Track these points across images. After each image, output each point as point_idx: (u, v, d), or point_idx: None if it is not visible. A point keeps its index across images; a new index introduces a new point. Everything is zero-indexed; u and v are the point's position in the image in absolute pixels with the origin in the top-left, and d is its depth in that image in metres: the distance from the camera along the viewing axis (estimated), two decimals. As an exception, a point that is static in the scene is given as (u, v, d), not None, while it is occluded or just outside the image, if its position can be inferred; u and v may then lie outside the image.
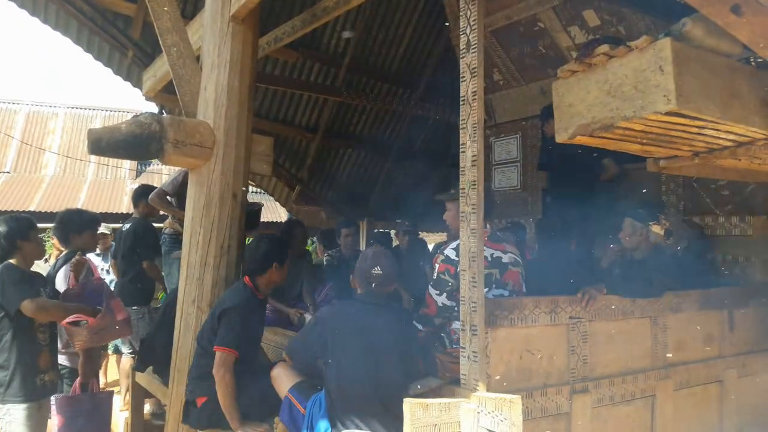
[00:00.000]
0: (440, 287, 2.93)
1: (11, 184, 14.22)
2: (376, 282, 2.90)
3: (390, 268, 2.93)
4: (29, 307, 3.28)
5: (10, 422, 3.31)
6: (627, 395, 3.12)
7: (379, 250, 3.35)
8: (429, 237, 8.26)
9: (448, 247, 3.02)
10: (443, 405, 2.51)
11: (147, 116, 3.31)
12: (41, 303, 3.35)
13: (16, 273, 3.39)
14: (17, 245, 3.45)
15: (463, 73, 2.61)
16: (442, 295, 2.92)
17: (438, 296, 2.94)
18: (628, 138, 2.60)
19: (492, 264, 2.98)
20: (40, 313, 3.34)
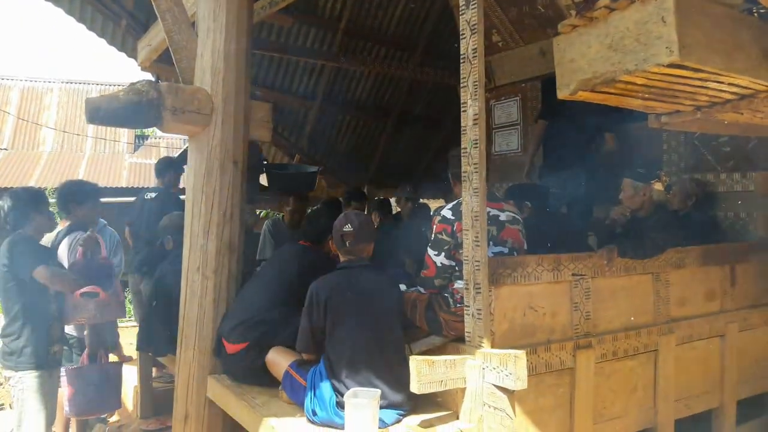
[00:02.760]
0: (438, 247, 2.95)
1: (9, 161, 14.18)
2: (349, 240, 2.95)
3: (360, 225, 2.97)
4: (43, 273, 3.32)
5: (22, 389, 3.38)
6: (630, 350, 3.16)
7: (351, 211, 3.42)
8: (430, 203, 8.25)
9: (445, 207, 3.04)
10: (449, 362, 2.55)
11: (144, 84, 3.28)
12: (54, 271, 3.41)
13: (29, 242, 3.44)
14: (30, 217, 3.49)
15: (462, 30, 2.58)
16: (441, 255, 2.94)
17: (437, 257, 2.95)
18: (630, 93, 2.58)
19: (489, 222, 2.99)
20: (52, 281, 3.40)
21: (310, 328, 2.90)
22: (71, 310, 3.63)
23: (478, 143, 2.52)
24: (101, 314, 3.74)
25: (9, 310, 3.45)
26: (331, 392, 2.73)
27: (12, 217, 3.50)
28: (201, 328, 3.48)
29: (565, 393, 2.90)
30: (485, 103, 2.72)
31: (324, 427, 2.72)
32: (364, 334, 2.77)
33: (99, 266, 3.86)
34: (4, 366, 3.51)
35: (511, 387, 2.43)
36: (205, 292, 3.49)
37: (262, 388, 3.20)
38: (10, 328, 3.43)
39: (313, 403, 2.76)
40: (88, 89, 17.34)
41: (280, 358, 3.12)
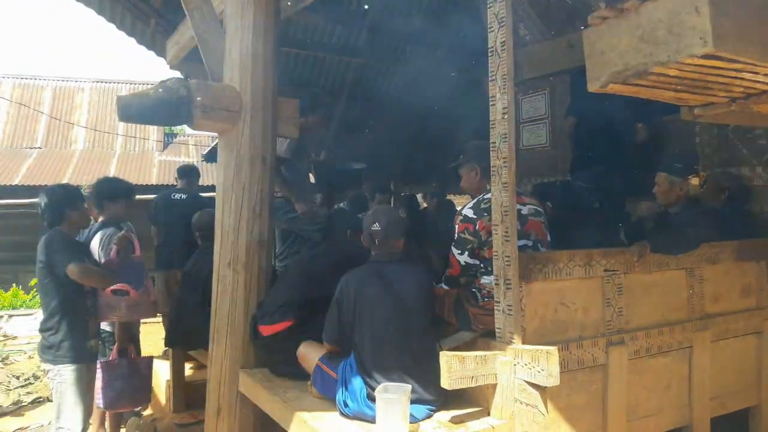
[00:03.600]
0: (462, 246, 2.93)
1: (43, 160, 14.49)
2: (378, 238, 2.97)
3: (388, 222, 2.98)
4: (75, 270, 3.39)
5: (60, 382, 3.45)
6: (664, 347, 3.12)
7: (379, 207, 3.46)
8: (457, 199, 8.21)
9: (466, 206, 3.03)
10: (479, 357, 2.54)
11: (174, 81, 3.32)
12: (86, 268, 3.48)
13: (64, 238, 3.51)
14: (65, 213, 3.56)
15: (490, 23, 2.56)
16: (464, 254, 2.92)
17: (460, 255, 2.94)
18: (662, 85, 2.53)
19: None
20: (84, 277, 3.46)
21: (338, 319, 2.92)
22: (103, 308, 3.71)
23: (507, 137, 2.50)
24: (131, 313, 3.81)
25: (47, 306, 3.53)
26: (362, 384, 2.75)
27: (48, 214, 3.57)
28: (232, 322, 3.53)
29: (598, 390, 2.87)
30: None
31: (355, 419, 2.74)
32: (393, 329, 2.78)
33: (131, 265, 3.93)
34: (43, 360, 3.59)
35: (543, 383, 2.41)
36: (236, 287, 3.53)
37: (294, 382, 3.23)
38: (49, 323, 3.50)
39: (345, 396, 2.78)
40: (117, 88, 17.62)
41: (311, 351, 3.15)
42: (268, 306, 3.45)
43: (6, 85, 16.61)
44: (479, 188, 3.10)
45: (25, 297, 11.38)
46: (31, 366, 7.20)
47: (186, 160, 15.93)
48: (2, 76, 17.19)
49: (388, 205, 4.75)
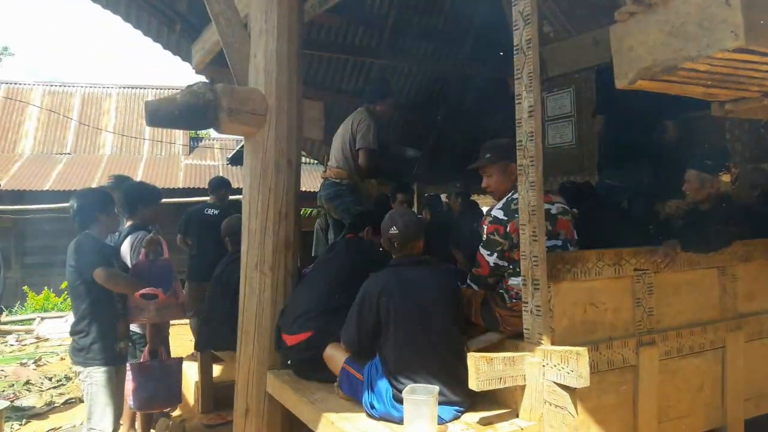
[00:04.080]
0: (491, 248, 2.90)
1: (72, 165, 14.75)
2: (397, 241, 2.96)
3: (405, 225, 2.97)
4: (101, 275, 3.43)
5: (91, 384, 3.51)
6: (696, 347, 3.06)
7: (395, 211, 3.43)
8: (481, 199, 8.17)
9: (494, 207, 2.99)
10: (508, 359, 2.52)
11: (200, 85, 3.36)
12: (113, 273, 3.52)
13: (93, 242, 3.56)
14: (95, 217, 3.61)
15: (515, 21, 2.54)
16: (493, 255, 2.89)
17: (489, 256, 2.91)
18: (692, 80, 2.49)
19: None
20: (110, 282, 3.50)
21: (358, 323, 2.93)
22: (133, 311, 3.76)
23: (534, 136, 2.48)
24: (161, 315, 3.85)
25: (77, 309, 3.59)
26: (388, 386, 2.75)
27: (78, 217, 3.63)
28: (260, 323, 3.56)
29: (629, 391, 2.83)
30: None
31: (382, 421, 2.73)
32: (417, 332, 2.77)
33: (160, 268, 3.97)
34: (74, 362, 3.65)
35: (572, 384, 2.38)
36: (263, 289, 3.56)
37: (321, 384, 3.23)
38: (79, 325, 3.56)
39: (371, 398, 2.78)
40: (143, 93, 17.87)
41: (337, 353, 3.15)
42: (288, 315, 3.48)
43: (36, 92, 16.95)
44: (504, 186, 3.04)
45: (57, 300, 11.61)
46: (63, 367, 7.34)
47: (212, 163, 16.10)
48: (33, 83, 17.57)
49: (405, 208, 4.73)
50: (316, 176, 14.92)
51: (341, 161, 4.96)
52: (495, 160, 3.04)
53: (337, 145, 5.04)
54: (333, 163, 5.05)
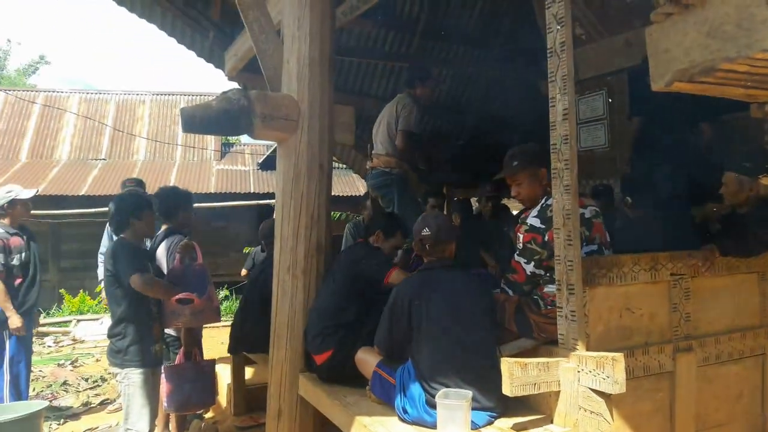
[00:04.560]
0: (528, 256, 2.87)
1: (107, 170, 15.07)
2: (429, 243, 2.96)
3: (438, 227, 2.97)
4: (137, 281, 3.50)
5: (128, 385, 3.58)
6: (735, 354, 2.99)
7: (427, 213, 3.50)
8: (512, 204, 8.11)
9: (530, 215, 2.94)
10: (542, 364, 2.50)
11: (235, 92, 3.41)
12: (148, 279, 3.58)
13: (128, 247, 3.63)
14: (129, 222, 3.69)
15: (549, 24, 2.53)
16: (531, 264, 2.86)
17: (526, 265, 2.88)
18: (731, 81, 2.44)
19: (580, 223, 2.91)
20: (146, 288, 3.56)
21: (390, 328, 2.94)
22: (169, 315, 3.81)
23: (569, 139, 2.46)
24: (196, 319, 3.89)
25: (114, 312, 3.68)
26: (421, 391, 2.74)
27: (114, 221, 3.72)
28: (292, 326, 3.59)
29: (665, 398, 2.78)
30: (570, 97, 2.65)
31: (414, 425, 2.73)
32: (450, 337, 2.76)
33: (195, 272, 4.03)
34: (111, 363, 3.73)
35: (608, 390, 2.35)
36: (295, 292, 3.60)
37: (353, 388, 3.25)
38: (116, 328, 3.64)
39: (404, 402, 2.78)
40: (176, 100, 18.20)
41: (368, 357, 3.16)
42: (309, 333, 3.52)
43: (73, 100, 17.39)
44: (535, 193, 3.00)
45: (92, 302, 11.87)
46: (99, 369, 7.49)
47: (242, 168, 16.29)
48: (70, 91, 18.04)
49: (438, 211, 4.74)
50: (345, 181, 15.03)
51: (388, 146, 4.97)
52: (524, 166, 2.99)
53: (383, 130, 5.05)
54: (381, 150, 5.05)
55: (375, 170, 5.08)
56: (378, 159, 5.06)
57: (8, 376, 4.94)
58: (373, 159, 5.13)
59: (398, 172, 4.98)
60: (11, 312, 4.81)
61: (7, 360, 4.95)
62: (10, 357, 4.96)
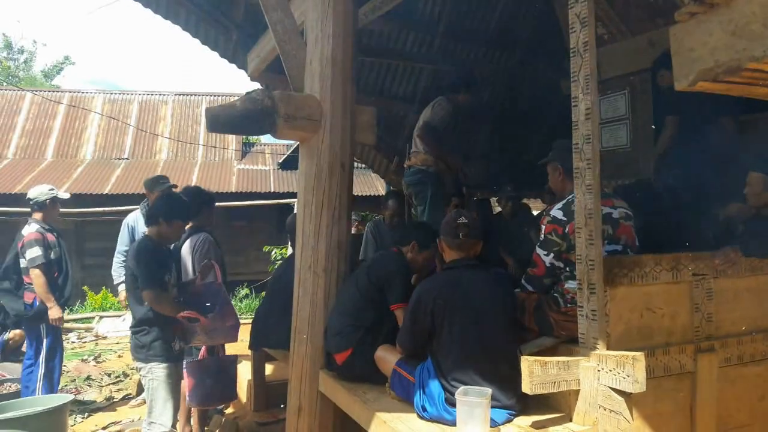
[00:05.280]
0: (548, 248, 2.90)
1: (130, 170, 15.29)
2: (464, 232, 2.93)
3: (473, 220, 2.98)
4: (147, 297, 3.61)
5: (152, 379, 3.66)
6: (757, 355, 2.96)
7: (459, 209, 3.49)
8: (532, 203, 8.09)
9: (554, 207, 2.98)
10: (562, 363, 2.51)
11: (259, 92, 3.46)
12: (157, 298, 3.65)
13: (151, 252, 3.70)
14: (158, 221, 3.76)
15: (572, 23, 2.53)
16: (550, 255, 2.89)
17: (546, 256, 2.91)
18: (757, 81, 2.43)
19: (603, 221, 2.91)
20: (155, 305, 3.65)
21: (413, 327, 2.95)
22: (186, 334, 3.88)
23: (591, 138, 2.47)
24: (210, 338, 3.95)
25: (136, 310, 3.75)
26: (440, 389, 2.76)
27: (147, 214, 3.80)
28: (313, 323, 3.63)
29: (686, 398, 2.76)
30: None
31: (434, 422, 2.75)
32: (471, 335, 2.78)
33: (212, 292, 4.13)
34: (135, 358, 3.81)
35: (628, 390, 2.35)
36: (316, 290, 3.64)
37: (372, 385, 3.28)
38: (140, 325, 3.70)
39: (423, 400, 2.80)
40: (197, 100, 18.41)
41: (388, 355, 3.20)
42: (329, 329, 3.56)
43: (98, 100, 17.69)
44: (563, 188, 3.05)
45: (114, 299, 12.05)
46: (121, 364, 7.62)
47: (263, 168, 16.43)
48: (95, 91, 18.35)
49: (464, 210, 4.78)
50: (365, 180, 15.07)
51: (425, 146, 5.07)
52: (552, 158, 3.07)
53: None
54: (420, 149, 5.13)
55: (412, 168, 5.15)
56: (416, 157, 5.13)
57: (43, 368, 5.13)
58: (411, 158, 5.20)
59: (434, 170, 5.05)
60: (52, 303, 5.04)
61: (44, 353, 5.13)
62: (47, 350, 5.15)
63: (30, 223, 5.19)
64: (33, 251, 5.02)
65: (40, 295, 5.02)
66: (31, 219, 5.24)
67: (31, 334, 5.23)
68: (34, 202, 5.23)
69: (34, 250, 5.02)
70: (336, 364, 3.48)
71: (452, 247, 3.01)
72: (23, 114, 16.75)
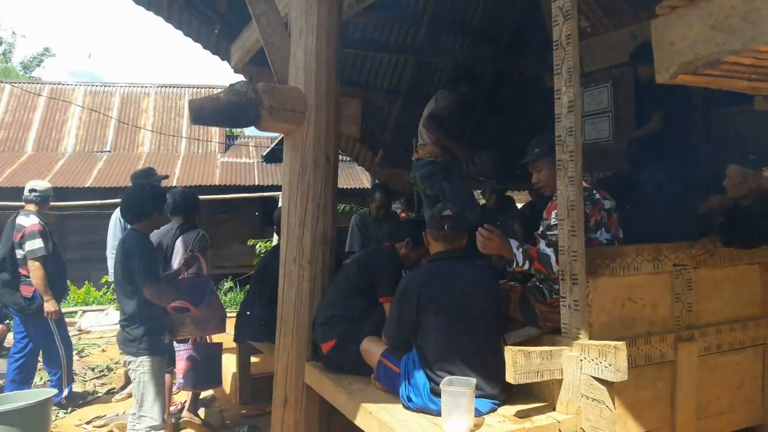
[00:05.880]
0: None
1: (113, 162, 15.13)
2: (449, 224, 2.97)
3: (458, 213, 3.02)
4: (149, 290, 3.59)
5: (143, 373, 3.62)
6: (736, 344, 3.03)
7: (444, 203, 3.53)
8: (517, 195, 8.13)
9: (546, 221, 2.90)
10: (545, 353, 2.54)
11: (242, 84, 3.45)
12: (156, 291, 3.65)
13: (144, 245, 3.70)
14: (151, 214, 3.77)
15: (555, 16, 2.55)
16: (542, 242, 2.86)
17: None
18: (736, 74, 2.47)
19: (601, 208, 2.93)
20: (155, 297, 3.64)
21: (399, 318, 2.97)
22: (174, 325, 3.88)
23: (574, 131, 2.50)
24: (200, 329, 4.03)
25: (126, 305, 3.69)
26: (425, 380, 2.78)
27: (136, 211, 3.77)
28: (298, 316, 3.64)
29: (666, 386, 2.82)
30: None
31: (419, 413, 2.77)
32: (456, 326, 2.80)
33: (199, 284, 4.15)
34: (125, 352, 3.72)
35: (610, 379, 2.39)
36: (301, 282, 3.64)
37: (358, 376, 3.29)
38: (130, 318, 3.65)
39: (408, 390, 2.82)
40: (180, 92, 18.24)
41: (373, 346, 3.21)
42: (317, 319, 3.59)
43: (78, 92, 17.45)
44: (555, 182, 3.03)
45: (97, 294, 11.95)
46: (105, 359, 7.56)
47: (247, 161, 16.33)
48: (75, 83, 18.09)
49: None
50: (350, 173, 15.05)
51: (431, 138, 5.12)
52: (543, 154, 3.03)
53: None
54: (427, 141, 5.17)
55: (420, 161, 5.17)
56: (423, 150, 5.17)
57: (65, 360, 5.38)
58: (418, 150, 5.21)
59: (443, 160, 5.08)
60: (49, 296, 5.07)
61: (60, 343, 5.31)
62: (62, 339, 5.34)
63: (28, 215, 5.17)
64: (35, 243, 5.01)
65: (39, 287, 5.02)
66: (25, 210, 5.23)
67: (32, 328, 5.23)
68: (39, 195, 5.26)
69: (36, 242, 5.02)
70: (322, 354, 3.50)
71: (437, 239, 3.03)
72: (2, 106, 16.47)
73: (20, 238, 5.03)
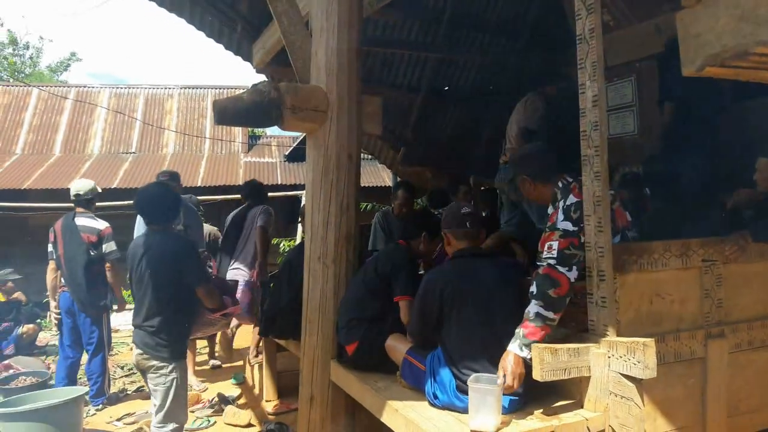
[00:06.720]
0: (568, 263, 2.68)
1: (138, 164, 15.32)
2: (470, 221, 2.97)
3: (475, 210, 3.03)
4: (203, 291, 3.64)
5: (175, 378, 3.59)
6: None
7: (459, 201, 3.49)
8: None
9: (556, 220, 2.78)
10: (572, 350, 2.52)
11: (265, 84, 3.47)
12: (211, 291, 3.70)
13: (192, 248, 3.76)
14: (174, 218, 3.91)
15: (578, 10, 2.53)
16: (573, 270, 2.68)
17: (569, 272, 2.67)
18: (764, 65, 2.42)
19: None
20: (206, 299, 3.68)
21: (422, 316, 2.97)
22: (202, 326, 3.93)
23: (599, 125, 2.47)
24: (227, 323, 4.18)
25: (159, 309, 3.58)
26: (451, 377, 2.78)
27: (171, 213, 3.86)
28: (323, 313, 3.66)
29: (696, 384, 2.78)
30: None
31: (445, 410, 2.77)
32: (480, 324, 2.79)
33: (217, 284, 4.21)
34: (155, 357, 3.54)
35: (639, 375, 2.36)
36: (326, 280, 3.66)
37: (383, 374, 3.31)
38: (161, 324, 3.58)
39: (434, 387, 2.82)
40: (203, 93, 18.40)
41: (398, 344, 3.22)
42: (339, 321, 3.61)
43: (104, 94, 17.71)
44: (541, 194, 2.96)
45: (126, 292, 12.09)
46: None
47: (269, 160, 16.43)
48: (101, 86, 18.36)
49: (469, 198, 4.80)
50: (371, 171, 15.06)
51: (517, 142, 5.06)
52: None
53: (513, 126, 5.14)
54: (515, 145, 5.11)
55: (505, 165, 5.17)
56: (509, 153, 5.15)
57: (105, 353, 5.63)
58: (506, 153, 5.21)
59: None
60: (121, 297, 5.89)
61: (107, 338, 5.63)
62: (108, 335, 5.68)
63: (95, 219, 5.50)
64: (110, 245, 5.40)
65: (117, 287, 5.52)
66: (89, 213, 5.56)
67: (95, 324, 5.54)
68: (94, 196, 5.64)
69: (111, 244, 5.40)
70: (347, 355, 3.52)
71: (459, 238, 3.02)
72: (30, 110, 16.79)
73: (97, 240, 5.35)
